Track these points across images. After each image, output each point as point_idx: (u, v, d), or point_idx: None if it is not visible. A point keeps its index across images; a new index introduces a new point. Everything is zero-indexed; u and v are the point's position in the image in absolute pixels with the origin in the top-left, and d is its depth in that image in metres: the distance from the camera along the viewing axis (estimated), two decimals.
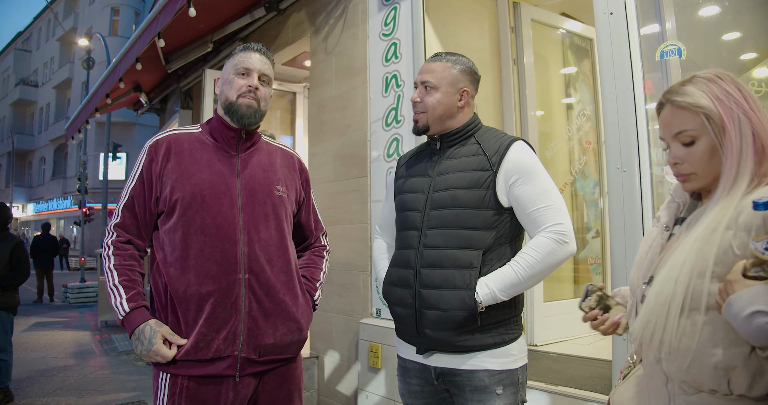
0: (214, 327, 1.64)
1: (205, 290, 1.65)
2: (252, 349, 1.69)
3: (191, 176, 1.71)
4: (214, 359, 1.65)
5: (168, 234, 1.71)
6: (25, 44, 40.68)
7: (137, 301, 1.65)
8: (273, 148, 1.95)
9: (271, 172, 1.86)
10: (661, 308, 1.05)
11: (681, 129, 1.14)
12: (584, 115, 4.51)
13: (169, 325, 1.67)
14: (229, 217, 1.71)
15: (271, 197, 1.81)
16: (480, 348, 1.64)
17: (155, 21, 4.18)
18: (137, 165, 1.76)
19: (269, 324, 1.73)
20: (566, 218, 1.64)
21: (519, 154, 1.69)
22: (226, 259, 1.68)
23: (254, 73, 1.79)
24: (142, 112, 8.15)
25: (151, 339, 1.60)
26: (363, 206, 3.79)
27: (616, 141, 2.31)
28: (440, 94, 1.76)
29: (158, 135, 1.81)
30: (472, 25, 3.84)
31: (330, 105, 4.22)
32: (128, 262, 1.70)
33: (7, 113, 38.65)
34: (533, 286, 1.68)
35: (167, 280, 1.67)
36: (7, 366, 4.57)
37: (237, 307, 1.68)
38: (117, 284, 1.66)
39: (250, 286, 1.70)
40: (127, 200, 1.73)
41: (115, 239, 1.72)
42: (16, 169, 36.02)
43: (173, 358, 1.62)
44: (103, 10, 29.43)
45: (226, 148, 1.81)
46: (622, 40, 2.31)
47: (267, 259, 1.75)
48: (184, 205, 1.68)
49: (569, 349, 3.47)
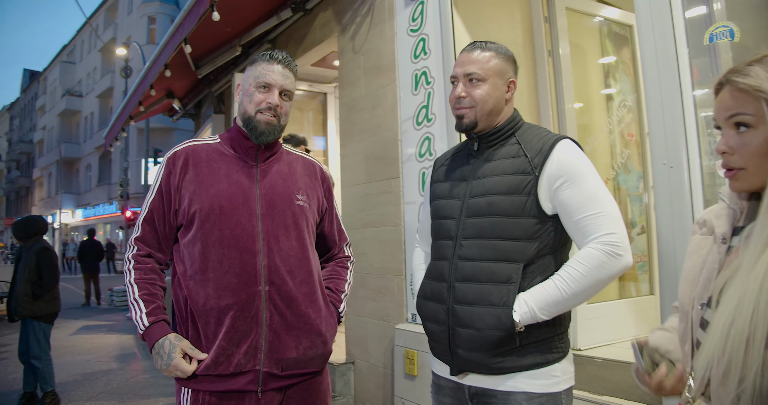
0: (234, 341, 1.59)
1: (224, 303, 1.60)
2: (274, 363, 1.63)
3: (209, 188, 1.67)
4: (235, 374, 1.59)
5: (187, 247, 1.67)
6: (70, 56, 42.02)
7: (157, 315, 1.62)
8: (294, 157, 1.89)
9: (292, 181, 1.80)
10: (738, 342, 0.87)
11: (736, 111, 0.97)
12: (625, 106, 4.29)
13: (190, 339, 1.63)
14: (247, 228, 1.65)
15: (291, 207, 1.74)
16: (518, 369, 1.49)
17: (181, 27, 4.17)
18: (156, 178, 1.72)
19: (291, 337, 1.66)
20: (620, 227, 1.46)
21: (564, 155, 1.51)
22: (245, 271, 1.62)
23: (275, 90, 1.72)
24: (177, 118, 8.23)
25: (170, 353, 1.57)
26: (396, 208, 3.69)
27: (661, 134, 2.14)
28: (488, 86, 1.59)
29: (177, 147, 1.77)
30: (503, 17, 3.68)
31: (360, 105, 4.12)
32: (149, 276, 1.67)
33: (55, 124, 40.00)
34: (579, 304, 1.49)
35: (187, 293, 1.63)
36: (44, 373, 4.64)
37: (258, 320, 1.62)
38: (137, 298, 1.63)
39: (270, 299, 1.64)
40: (147, 214, 1.70)
41: (136, 253, 1.70)
42: (65, 177, 37.28)
43: (193, 372, 1.58)
44: (141, 19, 30.11)
45: (245, 158, 1.76)
46: (665, 23, 2.13)
47: (288, 271, 1.68)
48: (202, 217, 1.64)
49: (614, 354, 3.27)
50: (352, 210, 4.18)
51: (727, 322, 0.91)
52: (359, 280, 4.04)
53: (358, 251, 4.05)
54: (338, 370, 4.07)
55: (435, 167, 1.84)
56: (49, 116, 41.80)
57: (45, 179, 42.11)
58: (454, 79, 1.67)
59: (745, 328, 0.87)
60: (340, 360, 4.16)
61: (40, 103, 44.51)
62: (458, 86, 1.64)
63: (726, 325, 0.90)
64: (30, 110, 49.15)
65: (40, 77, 46.42)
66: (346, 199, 4.27)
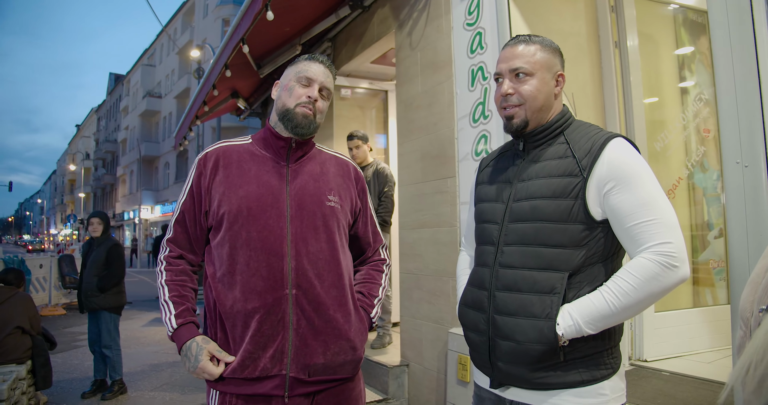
0: (260, 344, 1.57)
1: (250, 306, 1.57)
2: (301, 368, 1.59)
3: (238, 189, 1.65)
4: (261, 378, 1.57)
5: (217, 248, 1.66)
6: (150, 59, 44.12)
7: (185, 317, 1.62)
8: (327, 157, 1.85)
9: (323, 181, 1.75)
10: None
11: None
12: (702, 99, 3.99)
13: (218, 341, 1.62)
14: (275, 230, 1.62)
15: (321, 208, 1.70)
16: (563, 385, 1.37)
17: (238, 28, 4.22)
18: (188, 179, 1.72)
19: (319, 342, 1.62)
20: (676, 236, 1.32)
21: (616, 155, 1.38)
22: (272, 273, 1.59)
23: (315, 85, 1.71)
24: (244, 117, 8.41)
25: (197, 356, 1.56)
26: (452, 208, 3.58)
27: (735, 129, 1.93)
28: (537, 80, 1.49)
29: (208, 148, 1.76)
30: (565, 7, 3.50)
31: (416, 102, 4.04)
32: (179, 278, 1.68)
33: (137, 124, 42.08)
34: (630, 318, 1.36)
35: (215, 295, 1.62)
36: (113, 362, 4.85)
37: (284, 323, 1.59)
38: (167, 300, 1.64)
39: (297, 302, 1.60)
40: (179, 215, 1.70)
41: (168, 254, 1.70)
42: (145, 174, 39.17)
43: (221, 375, 1.57)
44: (215, 22, 31.12)
45: (276, 158, 1.73)
46: (743, 4, 1.93)
47: (316, 274, 1.64)
48: (230, 218, 1.63)
49: (685, 368, 3.05)
50: (408, 210, 4.10)
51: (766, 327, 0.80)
52: (414, 282, 3.96)
53: (413, 252, 3.98)
54: (392, 372, 4.01)
55: (480, 168, 1.74)
56: (131, 117, 44.04)
57: (127, 176, 44.40)
58: (499, 77, 1.56)
59: None
60: (395, 362, 4.10)
61: (124, 104, 46.95)
62: (504, 83, 1.53)
63: (765, 330, 0.80)
64: (115, 111, 51.98)
65: (123, 80, 48.99)
66: (402, 199, 4.21)
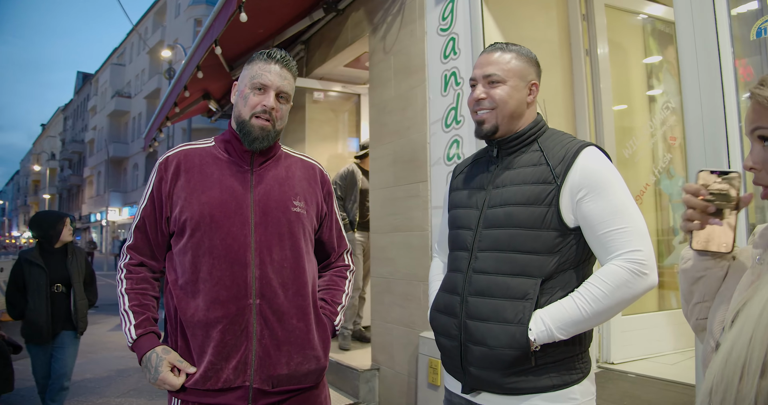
0: (223, 355, 1.53)
1: (213, 316, 1.54)
2: (264, 379, 1.56)
3: (200, 194, 1.60)
4: (224, 389, 1.53)
5: (178, 255, 1.61)
6: (120, 59, 43.40)
7: (145, 328, 1.57)
8: (293, 160, 1.79)
9: (288, 186, 1.70)
10: (734, 369, 0.79)
11: (757, 125, 0.91)
12: (669, 107, 4.09)
13: (179, 350, 1.58)
14: (239, 238, 1.58)
15: (286, 214, 1.66)
16: (535, 390, 1.38)
17: (211, 29, 4.18)
18: (148, 185, 1.67)
19: (282, 353, 1.59)
20: (646, 244, 1.35)
21: (589, 163, 1.41)
22: (235, 283, 1.55)
23: (271, 92, 1.61)
24: (215, 118, 8.31)
25: (157, 367, 1.52)
26: (423, 213, 3.59)
27: (700, 139, 1.99)
28: (508, 87, 1.51)
29: (169, 152, 1.70)
30: (538, 15, 3.55)
31: (389, 106, 4.04)
32: (140, 286, 1.63)
33: (105, 124, 41.31)
34: (600, 324, 1.38)
35: (176, 303, 1.58)
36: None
37: (247, 334, 1.55)
38: (127, 309, 1.59)
39: (261, 312, 1.57)
40: (139, 221, 1.65)
41: (128, 262, 1.65)
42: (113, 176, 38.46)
43: (183, 385, 1.53)
44: (187, 22, 30.77)
45: (239, 162, 1.67)
46: (707, 16, 1.98)
47: (280, 283, 1.61)
48: (192, 225, 1.58)
49: (650, 370, 3.10)
50: (381, 213, 4.10)
51: (728, 345, 0.83)
52: (385, 286, 3.96)
53: (385, 256, 3.98)
54: (363, 376, 4.00)
55: (455, 174, 1.75)
56: (99, 117, 43.21)
57: (95, 178, 43.54)
58: (474, 82, 1.58)
59: (741, 354, 0.79)
60: (366, 366, 4.09)
61: (92, 104, 46.07)
62: (477, 88, 1.56)
63: (727, 348, 0.82)
64: (82, 111, 50.96)
65: (92, 79, 48.11)
66: (375, 203, 4.20)
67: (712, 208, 1.01)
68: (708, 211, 1.01)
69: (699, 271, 1.07)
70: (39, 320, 3.65)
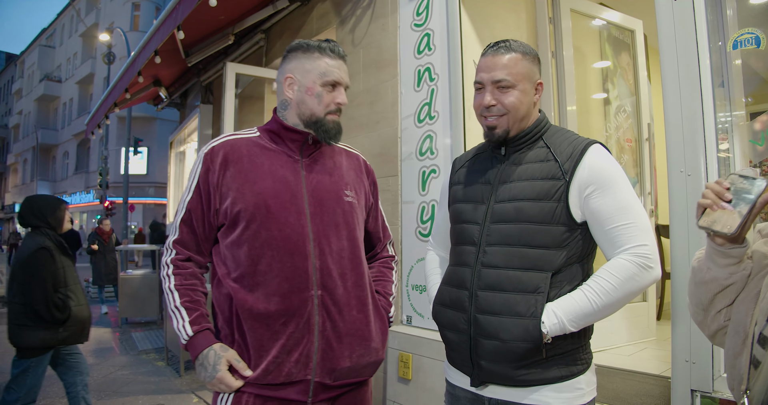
0: (286, 349, 1.49)
1: (274, 309, 1.49)
2: (326, 373, 1.53)
3: (253, 185, 1.55)
4: (285, 384, 1.49)
5: (230, 249, 1.55)
6: (49, 40, 41.07)
7: (201, 324, 1.51)
8: (337, 150, 1.77)
9: (338, 176, 1.68)
10: None
11: None
12: (625, 111, 4.27)
13: (235, 345, 1.52)
14: (297, 229, 1.54)
15: (340, 204, 1.63)
16: (543, 382, 1.42)
17: (174, 12, 4.02)
18: (193, 175, 1.59)
19: (345, 346, 1.56)
20: (650, 239, 1.41)
21: (596, 160, 1.45)
22: (296, 274, 1.51)
23: (341, 88, 1.62)
24: (162, 107, 8.04)
25: (215, 365, 1.47)
26: (393, 207, 3.60)
27: (679, 141, 2.09)
28: (519, 92, 1.50)
29: (213, 142, 1.63)
30: (509, 16, 3.62)
31: (357, 100, 4.03)
32: (189, 282, 1.56)
33: (32, 109, 39.08)
34: (608, 316, 1.43)
35: (233, 296, 1.51)
36: None
37: (309, 327, 1.51)
38: (179, 306, 1.52)
39: (323, 304, 1.53)
40: (185, 214, 1.58)
41: (175, 257, 1.58)
42: (41, 164, 36.48)
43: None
44: (125, 6, 29.54)
45: (288, 152, 1.63)
46: (688, 28, 2.09)
47: (340, 274, 1.58)
48: (247, 217, 1.53)
49: (609, 361, 3.24)
50: None
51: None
52: None
53: None
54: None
55: (454, 169, 1.75)
56: (25, 101, 40.82)
57: (20, 165, 41.18)
58: (480, 86, 1.56)
59: None
60: None
61: (17, 87, 43.45)
62: (486, 94, 1.53)
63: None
64: (6, 94, 48.04)
65: (17, 60, 45.33)
66: None
67: (729, 195, 1.06)
68: (724, 198, 1.06)
69: (726, 279, 1.10)
70: (85, 315, 3.38)
